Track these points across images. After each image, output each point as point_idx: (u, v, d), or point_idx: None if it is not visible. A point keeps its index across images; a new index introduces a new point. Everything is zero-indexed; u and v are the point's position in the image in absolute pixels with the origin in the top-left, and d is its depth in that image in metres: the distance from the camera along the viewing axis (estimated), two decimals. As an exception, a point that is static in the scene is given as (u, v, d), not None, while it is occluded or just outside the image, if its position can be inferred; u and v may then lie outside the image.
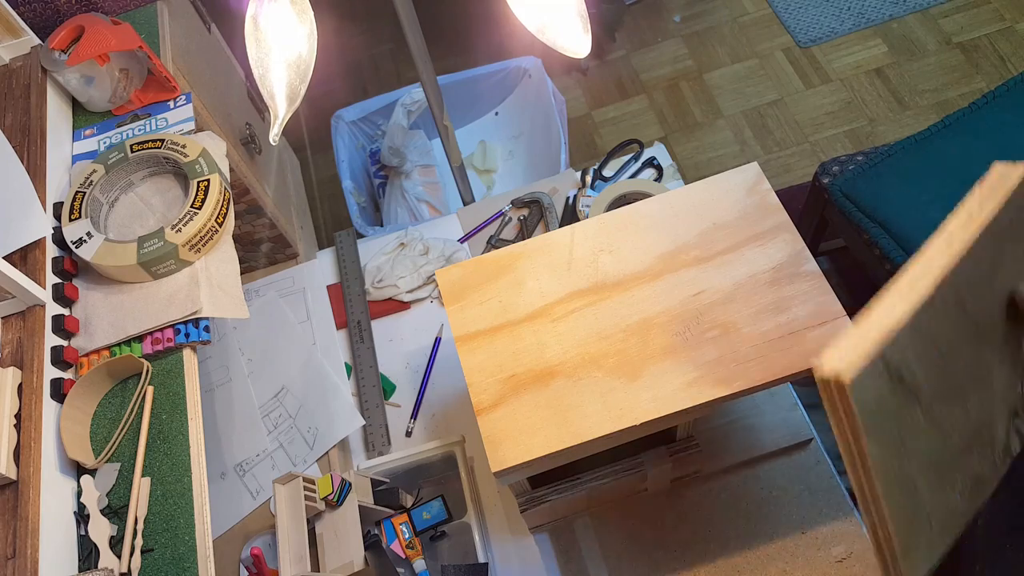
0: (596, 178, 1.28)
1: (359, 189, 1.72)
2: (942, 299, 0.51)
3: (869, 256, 1.22)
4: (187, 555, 0.73)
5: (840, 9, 2.09)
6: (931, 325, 0.51)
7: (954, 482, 0.57)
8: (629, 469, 0.91)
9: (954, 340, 0.54)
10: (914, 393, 0.52)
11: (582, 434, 0.72)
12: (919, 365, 0.51)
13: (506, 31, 1.74)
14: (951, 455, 0.56)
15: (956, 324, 0.53)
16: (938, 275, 0.51)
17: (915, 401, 0.52)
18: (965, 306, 0.53)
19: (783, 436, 1.00)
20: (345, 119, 1.76)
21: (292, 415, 1.12)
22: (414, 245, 1.26)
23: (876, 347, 0.47)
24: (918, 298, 0.50)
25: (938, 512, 0.57)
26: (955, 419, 0.56)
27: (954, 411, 0.56)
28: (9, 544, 0.70)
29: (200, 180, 0.87)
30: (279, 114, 0.73)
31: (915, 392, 0.52)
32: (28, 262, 0.84)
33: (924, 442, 0.54)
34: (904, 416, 0.52)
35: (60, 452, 0.76)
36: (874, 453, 0.50)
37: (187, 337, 0.82)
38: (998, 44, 1.97)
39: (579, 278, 0.81)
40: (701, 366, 0.73)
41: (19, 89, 0.97)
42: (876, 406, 0.49)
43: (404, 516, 0.97)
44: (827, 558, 0.94)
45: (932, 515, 0.56)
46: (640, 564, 0.97)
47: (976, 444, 0.58)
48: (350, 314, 1.22)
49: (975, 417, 0.57)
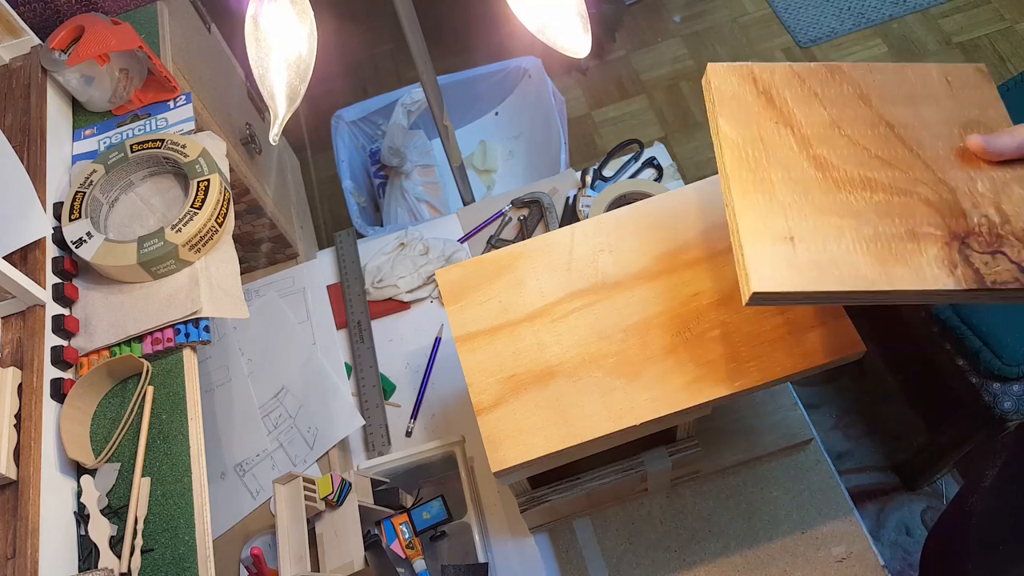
0: (596, 178, 1.28)
1: (359, 189, 1.72)
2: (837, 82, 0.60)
3: (869, 256, 1.22)
4: (187, 555, 0.73)
5: (840, 9, 2.09)
6: (818, 88, 0.60)
7: (838, 229, 0.58)
8: (629, 469, 0.91)
9: (851, 116, 0.60)
10: (782, 114, 0.60)
11: (582, 434, 0.72)
12: (795, 104, 0.60)
13: (506, 31, 1.74)
14: (833, 202, 0.59)
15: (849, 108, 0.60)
16: (826, 63, 0.61)
17: (784, 122, 0.60)
18: (869, 100, 0.60)
19: (783, 436, 1.00)
20: (345, 119, 1.76)
21: (292, 415, 1.12)
22: (414, 245, 1.26)
23: (748, 68, 0.59)
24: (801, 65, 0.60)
25: (806, 239, 0.58)
26: (848, 177, 0.59)
27: (848, 170, 0.59)
28: (9, 544, 0.70)
29: (200, 180, 0.87)
30: (279, 114, 0.73)
31: (784, 115, 0.60)
32: (28, 262, 0.84)
33: (797, 165, 0.59)
34: (765, 123, 0.60)
35: (60, 452, 0.76)
36: (727, 130, 0.60)
37: (187, 337, 0.82)
38: (998, 44, 1.97)
39: (579, 278, 0.81)
40: (701, 366, 0.73)
41: (19, 89, 0.97)
42: (733, 94, 0.60)
43: (404, 516, 0.97)
44: (827, 558, 0.94)
45: (796, 235, 0.58)
46: (640, 564, 0.97)
47: (881, 223, 0.59)
48: (350, 314, 1.22)
49: (882, 197, 0.59)
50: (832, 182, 0.59)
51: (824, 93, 0.60)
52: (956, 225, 0.58)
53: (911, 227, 0.58)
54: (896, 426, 1.52)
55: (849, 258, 0.57)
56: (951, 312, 1.08)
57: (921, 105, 0.59)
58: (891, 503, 1.45)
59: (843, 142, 0.59)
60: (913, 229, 0.58)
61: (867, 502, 1.45)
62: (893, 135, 0.59)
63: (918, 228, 0.58)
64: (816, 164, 0.59)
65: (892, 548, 1.41)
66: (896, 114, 0.60)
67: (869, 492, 1.46)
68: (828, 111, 0.59)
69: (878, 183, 0.59)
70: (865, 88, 0.60)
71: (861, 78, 0.61)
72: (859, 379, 1.58)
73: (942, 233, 0.58)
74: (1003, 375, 1.04)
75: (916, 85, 0.60)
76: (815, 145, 0.59)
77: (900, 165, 0.59)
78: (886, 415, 1.54)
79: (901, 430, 1.52)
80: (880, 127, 0.59)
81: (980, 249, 0.58)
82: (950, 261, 0.57)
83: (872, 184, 0.59)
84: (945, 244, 0.58)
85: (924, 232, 0.58)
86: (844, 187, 0.59)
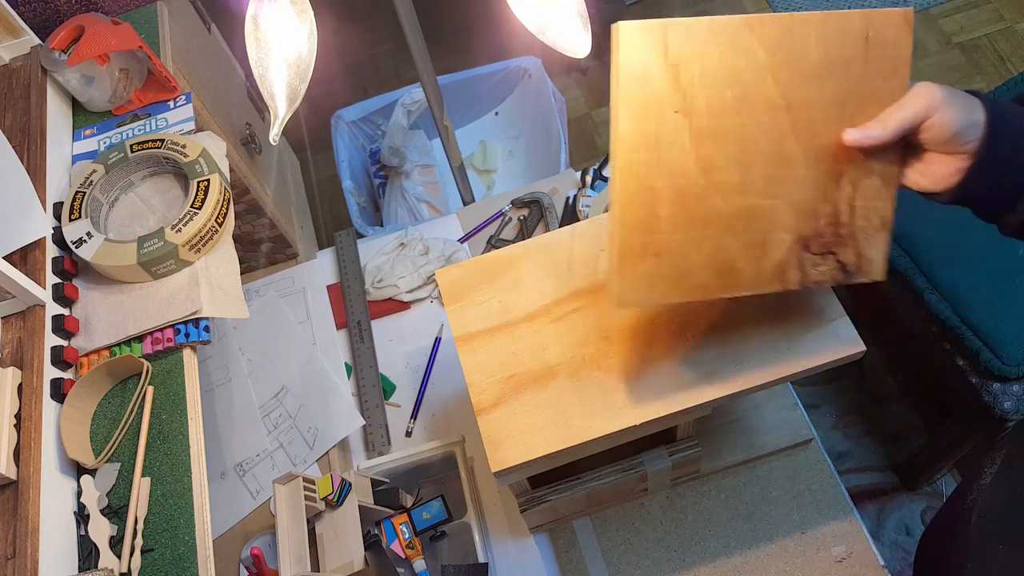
0: (596, 178, 1.28)
1: (359, 189, 1.72)
2: (752, 45, 0.55)
3: (869, 256, 1.22)
4: (187, 555, 0.73)
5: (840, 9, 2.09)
6: (730, 58, 0.56)
7: (700, 240, 0.60)
8: (629, 469, 0.91)
9: (752, 97, 0.57)
10: (685, 99, 0.56)
11: (582, 434, 0.72)
12: (701, 81, 0.56)
13: (506, 31, 1.74)
14: (706, 211, 0.59)
15: (755, 84, 0.57)
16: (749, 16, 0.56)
17: (684, 111, 0.57)
18: (777, 73, 0.57)
19: (783, 436, 1.00)
20: (345, 119, 1.76)
21: (292, 415, 1.12)
22: (414, 245, 1.26)
23: (663, 28, 0.54)
24: (720, 20, 0.55)
25: (671, 254, 0.60)
26: (726, 181, 0.59)
27: (729, 172, 0.59)
28: (9, 544, 0.70)
29: (200, 180, 0.87)
30: (279, 114, 0.73)
31: (687, 100, 0.56)
32: (28, 262, 0.84)
33: (683, 165, 0.58)
34: (666, 113, 0.56)
35: (60, 452, 0.76)
36: (624, 125, 0.56)
37: (187, 337, 0.82)
38: (998, 44, 1.97)
39: (579, 278, 0.81)
40: (701, 366, 0.73)
41: (19, 89, 0.97)
42: (639, 73, 0.55)
43: (404, 516, 0.97)
44: (827, 558, 0.94)
45: (663, 251, 0.60)
46: (640, 564, 0.97)
47: (742, 230, 0.61)
48: (350, 314, 1.22)
49: (752, 201, 0.60)
50: (711, 187, 0.59)
51: (734, 65, 0.56)
52: (805, 228, 0.61)
53: (765, 235, 0.61)
54: (896, 426, 1.52)
55: (700, 272, 0.61)
56: (951, 312, 1.08)
57: (827, 80, 0.57)
58: (891, 503, 1.45)
59: (735, 135, 0.58)
60: (766, 238, 0.61)
61: (867, 502, 1.45)
62: (787, 122, 0.58)
63: (772, 235, 0.61)
64: (701, 166, 0.59)
65: (892, 548, 1.41)
66: (798, 93, 0.58)
67: (869, 492, 1.46)
68: (732, 90, 0.57)
69: (753, 186, 0.60)
70: (779, 54, 0.57)
71: (779, 39, 0.56)
72: (859, 379, 1.58)
73: (792, 238, 0.61)
74: (1003, 375, 1.04)
75: (832, 47, 0.57)
76: (706, 141, 0.58)
77: (782, 162, 0.59)
78: (886, 415, 1.54)
79: (901, 430, 1.52)
80: (778, 112, 0.58)
81: (816, 251, 0.61)
82: (785, 266, 0.61)
83: (746, 188, 0.60)
84: (788, 249, 0.61)
85: (775, 239, 0.61)
86: (720, 192, 0.59)
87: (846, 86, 0.58)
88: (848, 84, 0.58)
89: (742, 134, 0.58)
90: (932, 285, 1.11)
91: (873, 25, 0.56)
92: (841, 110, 0.58)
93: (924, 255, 1.13)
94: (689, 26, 0.55)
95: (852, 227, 0.62)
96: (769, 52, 0.56)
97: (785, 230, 0.61)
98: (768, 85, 0.57)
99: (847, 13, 0.56)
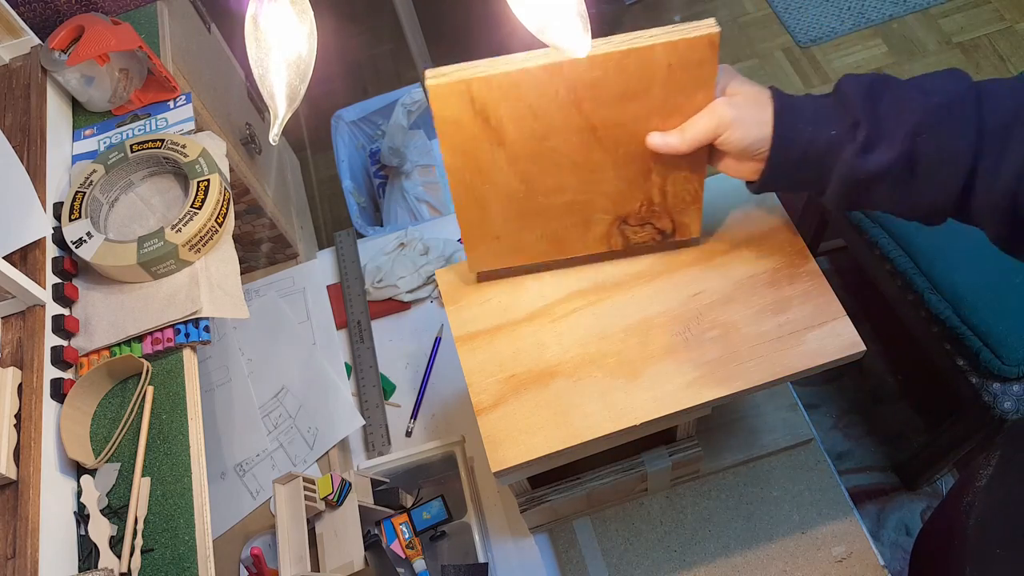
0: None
1: (359, 189, 1.72)
2: (554, 88, 0.63)
3: (869, 256, 1.22)
4: (187, 555, 0.73)
5: (840, 9, 2.09)
6: (533, 100, 0.63)
7: (532, 226, 0.74)
8: (629, 469, 0.91)
9: (559, 126, 0.65)
10: (497, 134, 0.65)
11: (582, 434, 0.72)
12: (509, 119, 0.64)
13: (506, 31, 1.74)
14: (532, 206, 0.72)
15: (561, 116, 0.65)
16: (548, 63, 0.61)
17: (498, 143, 0.66)
18: (581, 106, 0.64)
19: (783, 436, 1.00)
20: (345, 119, 1.76)
21: (292, 415, 1.12)
22: (414, 245, 1.26)
23: (467, 84, 0.62)
24: (519, 69, 0.61)
25: (508, 236, 0.75)
26: (545, 185, 0.70)
27: (546, 181, 0.70)
28: (9, 544, 0.70)
29: (200, 180, 0.87)
30: (279, 114, 0.73)
31: (499, 135, 0.65)
32: (28, 262, 0.84)
33: (506, 181, 0.69)
34: (482, 146, 0.66)
35: (60, 452, 0.76)
36: (448, 159, 0.67)
37: (187, 337, 0.82)
38: (998, 44, 1.97)
39: (579, 278, 0.81)
40: (701, 366, 0.73)
41: (19, 89, 0.97)
42: (452, 120, 0.64)
43: (404, 516, 0.97)
44: (827, 558, 0.94)
45: (502, 235, 0.74)
46: (640, 564, 0.97)
47: (566, 216, 0.73)
48: (350, 314, 1.22)
49: (570, 197, 0.72)
50: (532, 192, 0.71)
51: (539, 104, 0.63)
52: (622, 210, 0.74)
53: (586, 217, 0.74)
54: (896, 426, 1.52)
55: (536, 243, 0.76)
56: (951, 312, 1.08)
57: (631, 102, 0.64)
58: (891, 503, 1.45)
59: (547, 154, 0.67)
60: (588, 218, 0.74)
61: (867, 502, 1.45)
62: (595, 139, 0.67)
63: (592, 217, 0.74)
64: (521, 178, 0.69)
65: (892, 548, 1.41)
66: (603, 116, 0.65)
67: (869, 492, 1.46)
68: (539, 123, 0.65)
69: (569, 187, 0.71)
70: (581, 91, 0.63)
71: (580, 78, 0.62)
72: (859, 379, 1.58)
73: (611, 218, 0.74)
74: (1003, 375, 1.04)
75: (633, 78, 0.62)
76: (522, 161, 0.68)
77: (593, 169, 0.69)
78: (886, 415, 1.54)
79: (901, 430, 1.52)
80: (584, 134, 0.66)
81: (634, 223, 0.75)
82: (608, 235, 0.76)
83: (564, 189, 0.71)
84: (609, 224, 0.75)
85: (596, 219, 0.74)
86: (541, 194, 0.71)
87: (648, 105, 0.65)
88: (650, 103, 0.65)
89: (553, 153, 0.67)
90: (932, 285, 1.11)
91: (676, 53, 0.61)
92: (646, 124, 0.66)
93: (924, 255, 1.13)
94: (490, 79, 0.62)
95: (665, 205, 0.74)
96: (570, 90, 0.63)
97: (603, 212, 0.74)
98: (573, 115, 0.65)
99: (649, 48, 0.61)
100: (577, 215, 0.74)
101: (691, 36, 0.61)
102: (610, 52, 0.61)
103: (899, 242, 1.16)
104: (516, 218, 0.73)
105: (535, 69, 0.61)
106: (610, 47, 0.61)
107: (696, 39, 0.61)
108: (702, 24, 0.61)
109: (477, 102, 0.63)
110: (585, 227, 0.75)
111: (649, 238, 0.77)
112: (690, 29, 0.61)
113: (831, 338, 0.73)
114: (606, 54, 0.61)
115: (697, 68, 0.62)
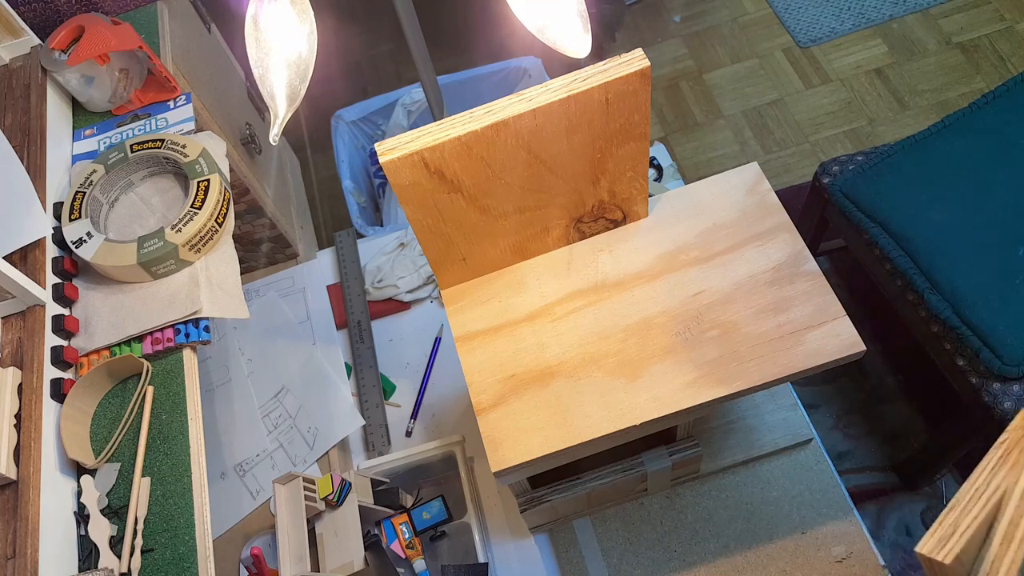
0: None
1: (359, 189, 1.72)
2: (503, 139, 0.68)
3: (869, 256, 1.22)
4: (187, 555, 0.73)
5: (840, 9, 2.09)
6: (484, 153, 0.69)
7: (494, 243, 0.80)
8: (629, 469, 0.91)
9: (511, 165, 0.71)
10: (454, 185, 0.71)
11: (582, 434, 0.72)
12: (463, 171, 0.70)
13: (506, 31, 1.74)
14: (493, 229, 0.78)
15: (511, 158, 0.71)
16: (494, 121, 0.66)
17: (455, 190, 0.72)
18: (529, 147, 0.70)
19: (783, 436, 1.00)
20: (345, 119, 1.76)
21: (292, 415, 1.12)
22: (414, 245, 1.26)
23: (419, 155, 0.67)
24: (468, 132, 0.66)
25: (473, 256, 0.81)
26: (504, 210, 0.76)
27: (505, 206, 0.76)
28: (9, 544, 0.70)
29: (200, 180, 0.87)
30: (279, 114, 0.73)
31: (455, 184, 0.71)
32: (28, 262, 0.84)
33: (466, 216, 0.75)
34: (440, 195, 0.72)
35: (60, 452, 0.76)
36: (409, 213, 0.73)
37: (187, 337, 0.82)
38: (998, 44, 1.97)
39: (579, 278, 0.81)
40: (701, 366, 0.73)
41: (19, 89, 0.97)
42: (410, 183, 0.69)
43: (404, 516, 0.97)
44: (827, 558, 0.94)
45: (467, 256, 0.80)
46: (640, 564, 0.97)
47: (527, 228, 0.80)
48: (350, 314, 1.22)
49: (529, 213, 0.78)
50: (493, 218, 0.76)
51: (490, 154, 0.69)
52: (576, 212, 0.80)
53: (545, 225, 0.80)
54: (896, 426, 1.52)
55: (501, 255, 0.81)
56: (951, 312, 1.08)
57: (575, 135, 0.70)
58: (891, 503, 1.45)
59: (502, 189, 0.73)
60: (546, 226, 0.80)
61: (867, 502, 1.45)
62: (544, 168, 0.73)
63: (549, 224, 0.80)
64: (480, 210, 0.75)
65: (892, 548, 1.41)
66: (550, 151, 0.71)
67: (869, 492, 1.46)
68: (492, 168, 0.70)
69: (526, 207, 0.77)
70: (527, 136, 0.68)
71: (525, 127, 0.67)
72: (859, 379, 1.58)
73: (566, 221, 0.80)
74: (1003, 375, 1.04)
75: (575, 117, 0.68)
76: (480, 198, 0.73)
77: (546, 190, 0.75)
78: (886, 415, 1.54)
79: (901, 430, 1.52)
80: (534, 166, 0.72)
81: (588, 220, 0.81)
82: (567, 235, 0.82)
83: (522, 209, 0.77)
84: (566, 226, 0.81)
85: (553, 224, 0.80)
86: (501, 219, 0.77)
87: (591, 132, 0.70)
88: (593, 131, 0.70)
89: (508, 186, 0.73)
90: (932, 285, 1.11)
91: (612, 90, 0.67)
92: (591, 147, 0.72)
93: (924, 255, 1.13)
94: (442, 147, 0.66)
95: (615, 201, 0.80)
96: (518, 138, 0.68)
97: (559, 219, 0.80)
98: (521, 155, 0.70)
99: (588, 91, 0.66)
100: (536, 225, 0.79)
101: (624, 73, 0.66)
102: (552, 102, 0.66)
103: (899, 242, 1.16)
104: (479, 240, 0.78)
105: (483, 130, 0.66)
106: (550, 96, 0.66)
107: (628, 76, 0.66)
108: (633, 58, 0.66)
109: (431, 166, 0.68)
110: (545, 233, 0.81)
111: (603, 228, 0.83)
112: (623, 65, 0.66)
113: (831, 338, 0.73)
114: (548, 104, 0.66)
115: (632, 97, 0.68)
